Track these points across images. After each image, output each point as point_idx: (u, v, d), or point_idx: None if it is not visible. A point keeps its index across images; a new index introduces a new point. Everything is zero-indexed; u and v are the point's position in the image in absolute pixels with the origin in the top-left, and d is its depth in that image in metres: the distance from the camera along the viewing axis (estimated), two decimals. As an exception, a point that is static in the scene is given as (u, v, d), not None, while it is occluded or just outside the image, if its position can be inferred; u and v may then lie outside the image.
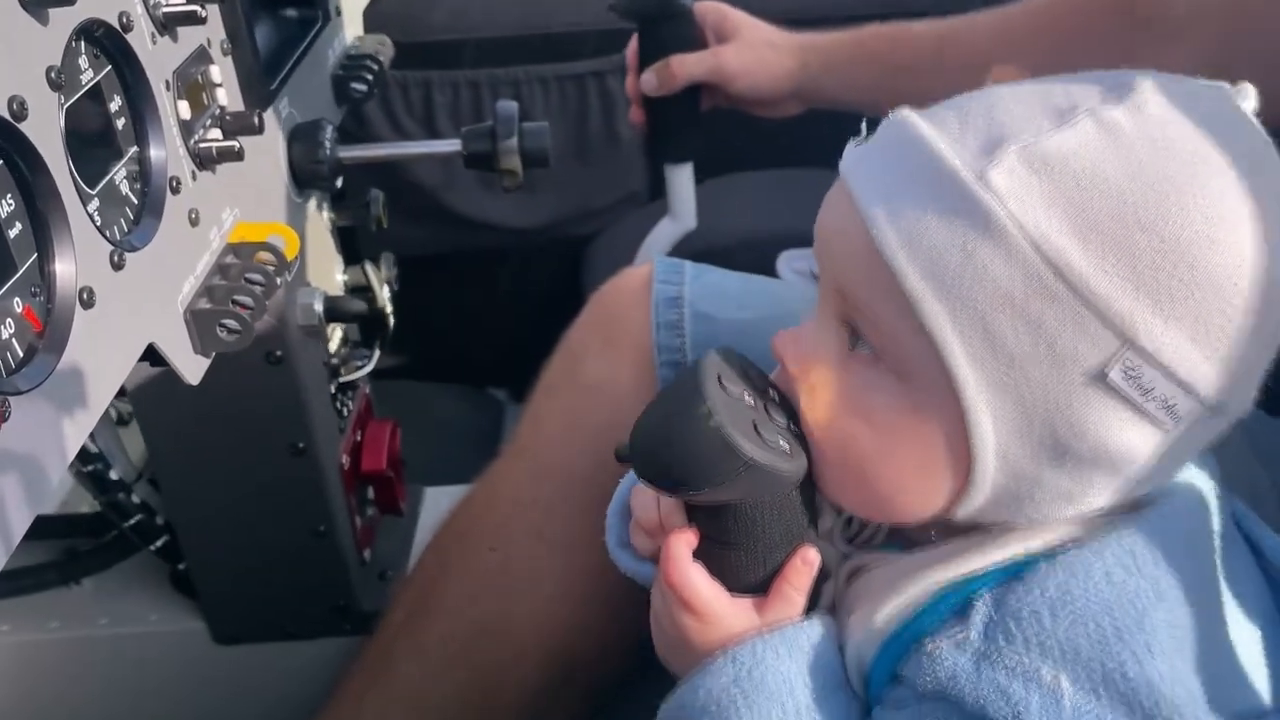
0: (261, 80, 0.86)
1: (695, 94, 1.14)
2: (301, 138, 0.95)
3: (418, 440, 1.29)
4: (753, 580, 0.61)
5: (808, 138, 1.21)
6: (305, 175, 0.95)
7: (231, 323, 0.74)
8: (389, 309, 1.06)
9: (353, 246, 1.12)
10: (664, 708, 0.62)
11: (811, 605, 0.62)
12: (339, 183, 0.98)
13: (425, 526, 1.26)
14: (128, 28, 0.67)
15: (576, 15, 1.59)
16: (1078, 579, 0.53)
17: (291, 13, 1.01)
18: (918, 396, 0.53)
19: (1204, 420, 0.52)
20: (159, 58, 0.72)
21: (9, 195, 0.57)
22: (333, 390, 1.08)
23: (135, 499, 1.13)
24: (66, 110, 0.61)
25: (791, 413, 0.59)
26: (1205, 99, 0.52)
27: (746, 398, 0.58)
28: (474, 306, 1.79)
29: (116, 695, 1.20)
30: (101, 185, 0.65)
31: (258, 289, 0.77)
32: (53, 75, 0.59)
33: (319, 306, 0.98)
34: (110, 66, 0.68)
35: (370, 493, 1.16)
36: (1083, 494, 0.53)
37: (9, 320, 0.56)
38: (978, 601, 0.55)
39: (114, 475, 1.11)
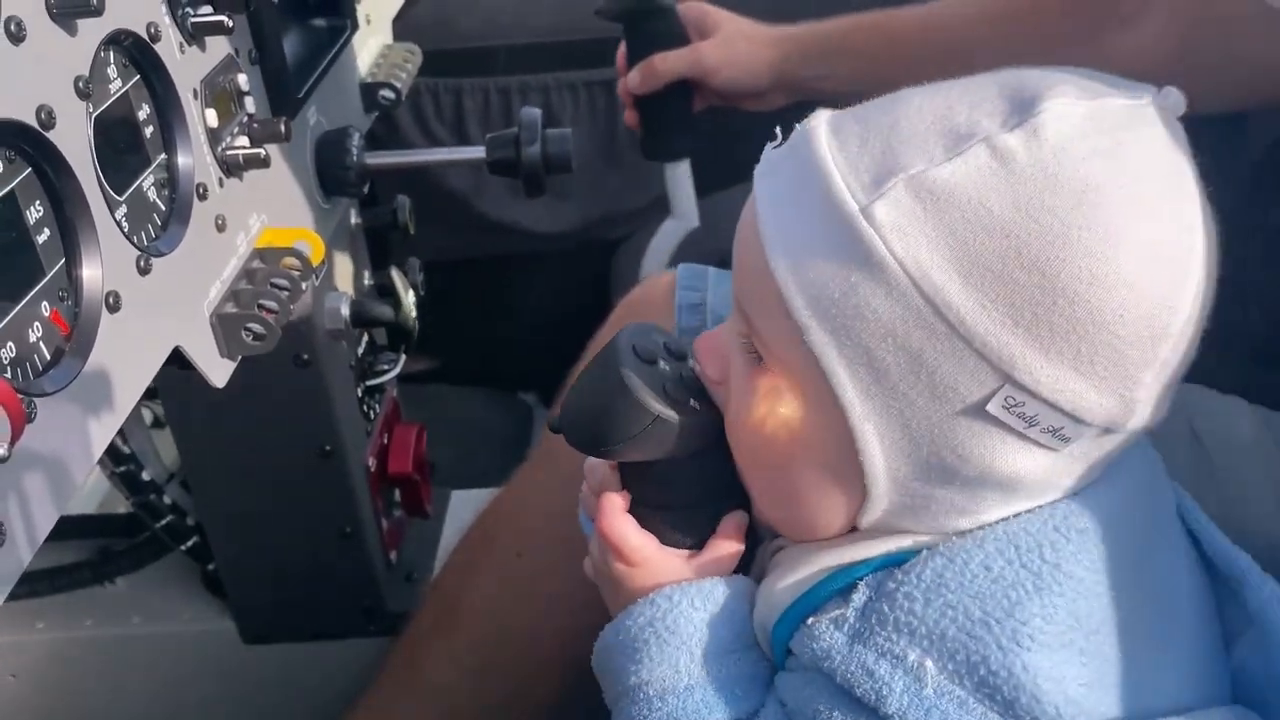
0: (289, 88, 0.88)
1: (685, 92, 1.16)
2: (329, 145, 0.96)
3: (445, 443, 1.30)
4: (683, 540, 0.64)
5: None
6: (332, 182, 0.97)
7: (257, 327, 0.75)
8: (414, 314, 1.07)
9: (381, 251, 1.13)
10: (596, 645, 0.65)
11: (744, 571, 0.65)
12: (366, 189, 0.99)
13: (452, 529, 1.27)
14: (155, 38, 0.69)
15: (605, 22, 1.60)
16: (954, 567, 0.53)
17: (320, 21, 1.03)
18: (812, 416, 0.54)
19: (1100, 440, 0.52)
20: (187, 67, 0.73)
21: (37, 202, 0.58)
22: (360, 393, 1.09)
23: (167, 500, 1.15)
24: (95, 119, 0.62)
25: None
26: (1114, 116, 0.49)
27: (661, 363, 0.62)
28: (503, 311, 1.80)
29: (147, 693, 1.22)
30: (129, 192, 0.67)
31: (283, 294, 0.78)
32: (81, 84, 0.61)
33: (346, 311, 0.99)
34: (139, 75, 0.69)
35: (397, 495, 1.18)
36: (977, 509, 0.54)
37: (37, 324, 0.57)
38: (860, 583, 0.56)
39: (146, 476, 1.13)
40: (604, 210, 1.70)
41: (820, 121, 0.54)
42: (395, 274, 1.06)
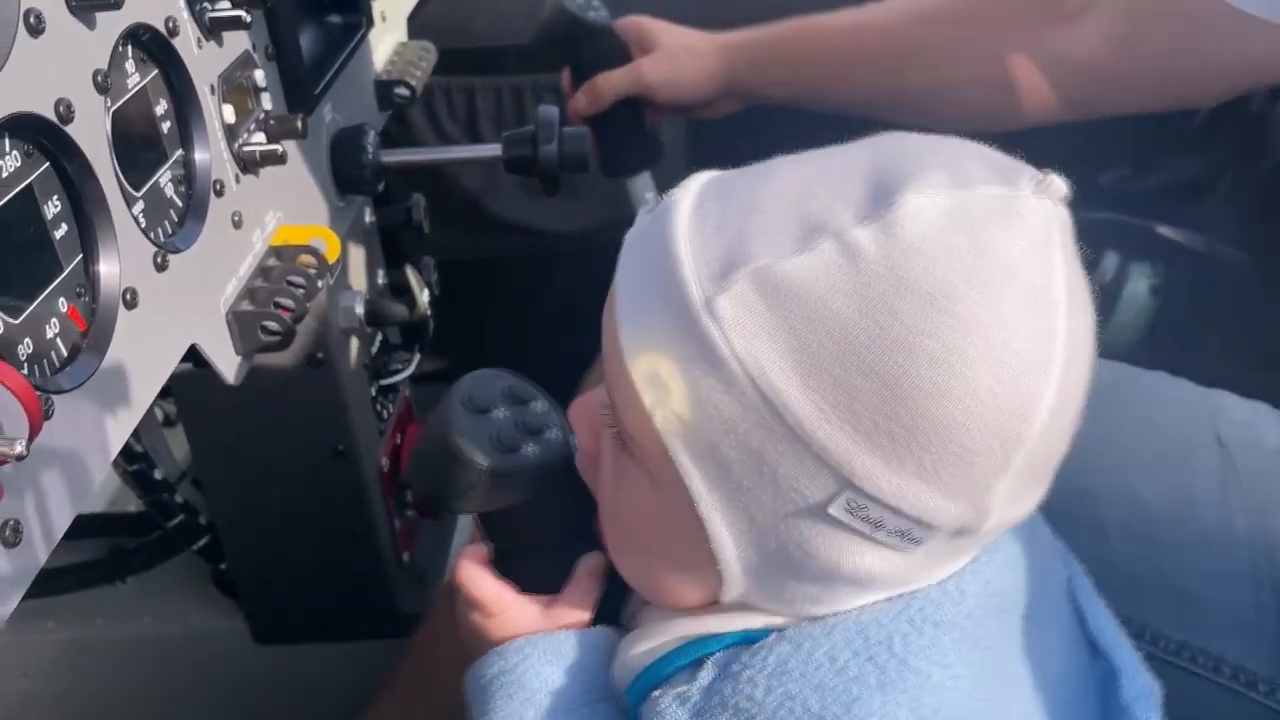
0: (305, 85, 0.87)
1: (634, 109, 1.15)
2: (344, 142, 0.95)
3: (457, 444, 1.29)
4: (544, 585, 0.64)
5: (842, 139, 1.21)
6: (347, 179, 0.96)
7: (272, 324, 0.75)
8: (429, 312, 1.07)
9: (395, 250, 1.12)
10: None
11: (616, 610, 0.64)
12: (381, 186, 0.98)
13: (464, 530, 1.26)
14: (174, 32, 0.68)
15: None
16: (799, 655, 0.52)
17: (335, 19, 1.02)
18: (667, 499, 0.52)
19: (957, 540, 0.50)
20: (204, 62, 0.73)
21: (55, 197, 0.58)
22: (373, 393, 1.09)
23: (179, 499, 1.14)
24: (113, 113, 0.62)
25: (558, 416, 0.64)
26: (981, 209, 0.46)
27: (497, 411, 0.62)
28: (515, 311, 1.80)
29: (158, 693, 1.21)
30: (147, 188, 0.66)
31: (299, 291, 0.77)
32: (99, 78, 0.60)
33: (360, 309, 0.99)
34: (156, 70, 0.68)
35: (409, 495, 1.17)
36: (832, 599, 0.53)
37: (54, 320, 0.57)
38: (709, 660, 0.55)
39: (158, 475, 1.12)
40: (617, 211, 1.68)
41: (686, 195, 0.52)
42: (410, 272, 1.06)
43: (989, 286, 0.45)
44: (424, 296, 1.05)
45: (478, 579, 0.64)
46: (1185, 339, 1.26)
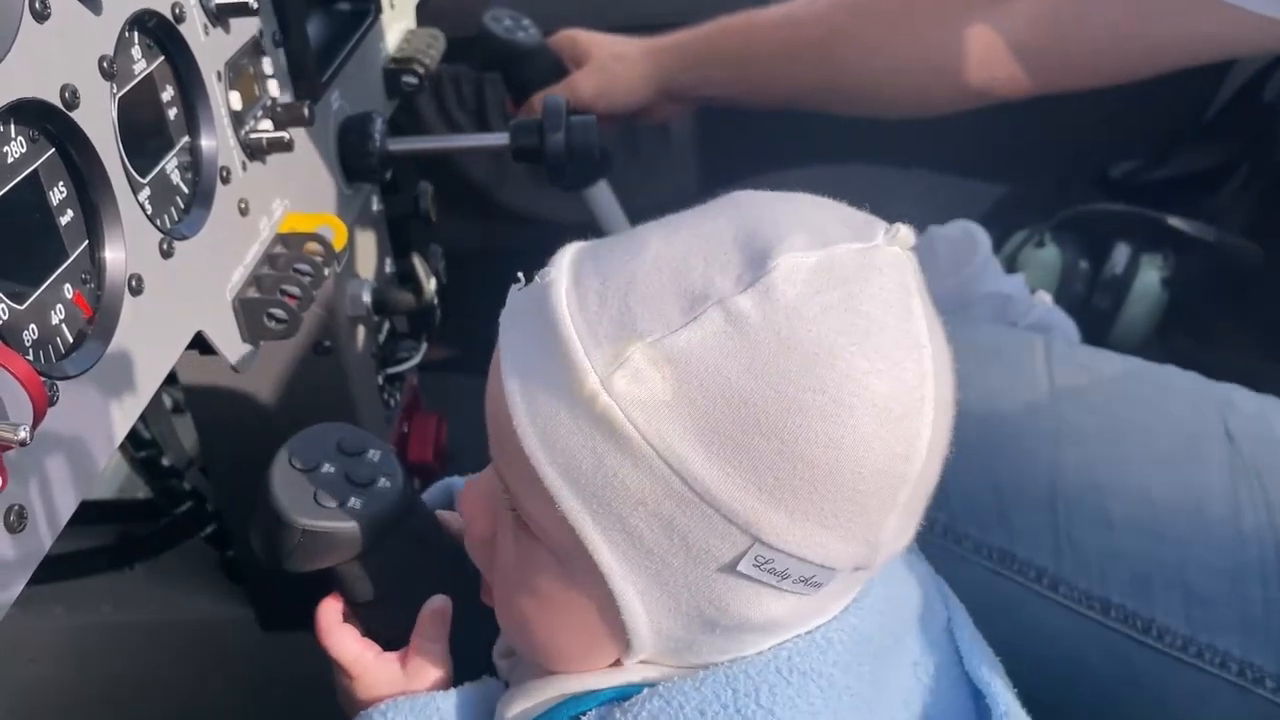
0: (312, 72, 0.87)
1: None
2: (351, 129, 0.95)
3: (464, 434, 1.29)
4: (395, 636, 0.65)
5: (852, 132, 1.21)
6: (355, 167, 0.96)
7: (279, 312, 0.75)
8: (437, 301, 1.06)
9: (402, 239, 1.12)
10: None
11: (484, 662, 0.65)
12: (388, 175, 0.98)
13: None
14: (180, 18, 0.68)
15: (628, 11, 1.59)
16: (670, 709, 0.53)
17: (344, 5, 1.02)
18: (574, 577, 0.53)
19: (852, 575, 0.53)
20: (211, 49, 0.72)
21: (61, 183, 0.58)
22: (380, 382, 1.09)
23: (187, 486, 1.14)
24: (119, 100, 0.62)
25: (390, 466, 0.64)
26: (844, 265, 0.48)
27: (324, 468, 0.63)
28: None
29: (165, 679, 1.21)
30: (153, 174, 0.66)
31: (305, 279, 0.77)
32: (105, 65, 0.60)
33: (368, 297, 0.98)
34: (163, 57, 0.68)
35: (416, 484, 1.17)
36: (739, 648, 0.54)
37: (59, 306, 0.57)
38: (583, 718, 0.55)
39: (166, 462, 1.12)
40: (624, 201, 1.69)
41: (562, 271, 0.52)
42: (418, 261, 1.06)
43: (864, 338, 0.47)
44: (432, 285, 1.05)
45: (340, 639, 0.64)
46: (1196, 331, 1.25)
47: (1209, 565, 0.77)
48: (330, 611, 0.65)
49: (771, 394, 0.46)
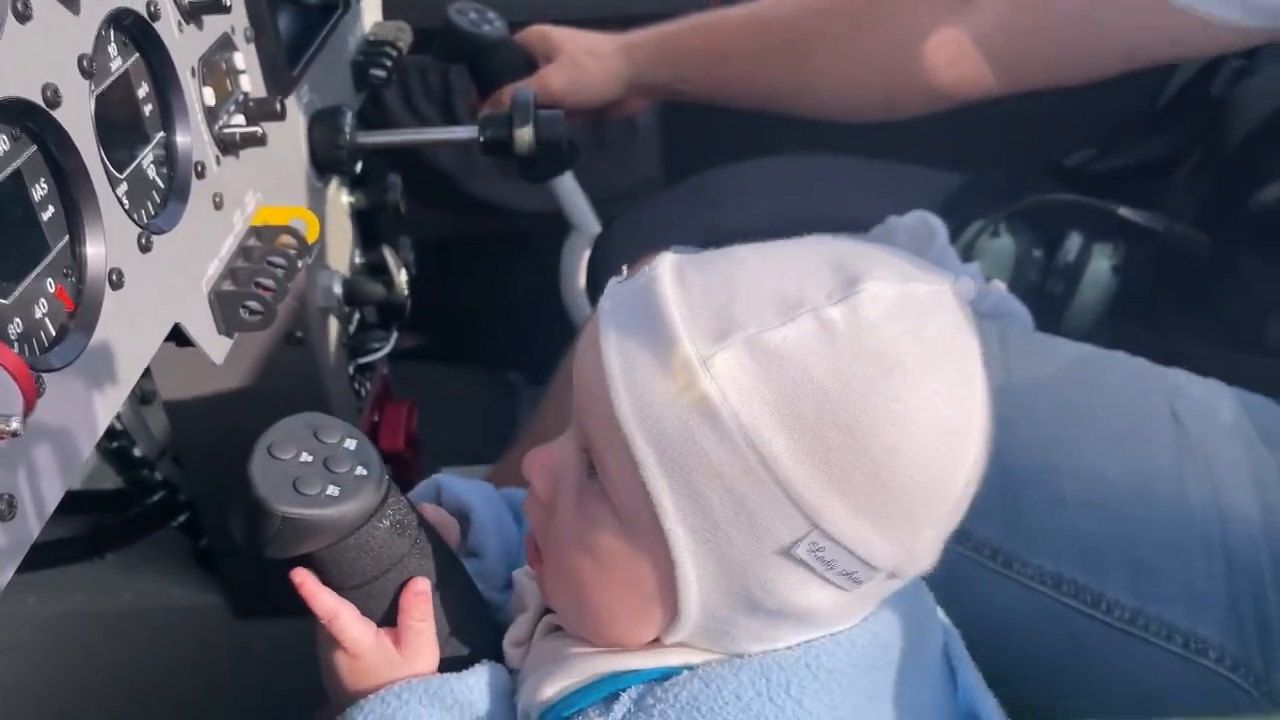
0: (284, 67, 0.88)
1: None
2: (322, 123, 0.96)
3: (434, 422, 1.31)
4: (382, 618, 0.66)
5: (814, 125, 1.23)
6: (326, 160, 0.97)
7: (254, 304, 0.76)
8: (406, 291, 1.08)
9: (371, 230, 1.13)
10: None
11: (493, 648, 0.67)
12: (358, 168, 1.00)
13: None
14: (155, 16, 0.69)
15: (593, 5, 1.60)
16: (709, 691, 0.57)
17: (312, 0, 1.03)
18: (636, 540, 0.56)
19: (885, 582, 0.57)
20: (185, 45, 0.74)
21: (42, 179, 0.59)
22: (351, 371, 1.10)
23: (158, 476, 1.15)
24: (96, 97, 0.63)
25: (366, 454, 0.65)
26: (921, 300, 0.54)
27: (302, 456, 0.64)
28: (490, 290, 1.81)
29: (138, 666, 1.22)
30: (130, 170, 0.67)
31: (280, 271, 0.79)
32: (84, 63, 0.61)
33: (338, 289, 1.00)
34: (138, 54, 0.69)
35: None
36: (773, 637, 0.58)
37: (42, 300, 0.58)
38: (624, 694, 0.59)
39: (138, 452, 1.13)
40: (591, 192, 1.71)
41: (666, 267, 0.57)
42: (388, 252, 1.07)
43: (933, 361, 0.54)
44: (402, 275, 1.07)
45: (345, 620, 0.65)
46: (1145, 317, 1.29)
47: (1157, 541, 0.80)
48: (329, 594, 0.66)
49: (850, 394, 0.52)
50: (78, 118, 0.60)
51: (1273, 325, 1.01)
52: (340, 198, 1.06)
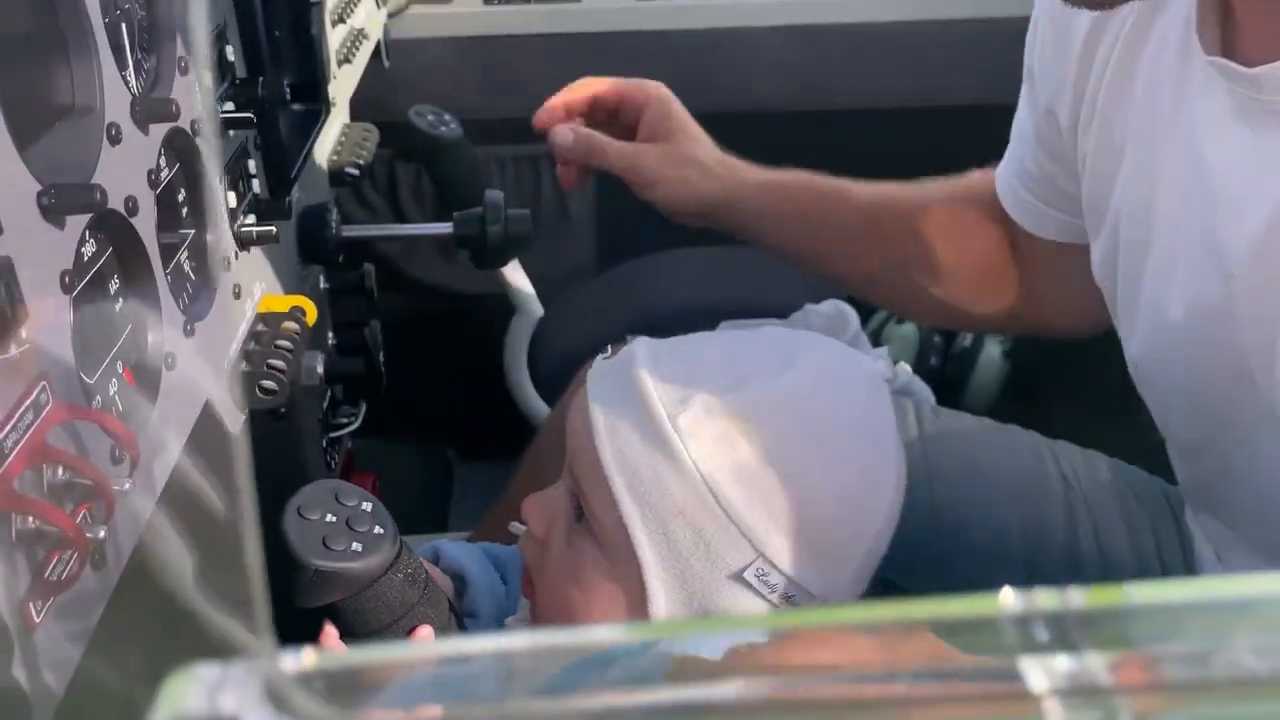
0: (285, 170, 0.98)
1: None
2: (310, 218, 1.06)
3: (393, 492, 1.39)
4: None
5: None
6: (311, 251, 1.07)
7: (269, 384, 0.86)
8: (383, 370, 1.17)
9: (343, 313, 1.23)
10: None
11: None
12: (340, 258, 1.10)
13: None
14: (197, 133, 0.79)
15: (535, 102, 1.73)
16: None
17: (298, 106, 1.13)
18: (615, 570, 0.69)
19: (808, 601, 0.70)
20: (216, 155, 0.83)
21: (116, 275, 0.68)
22: (324, 444, 1.19)
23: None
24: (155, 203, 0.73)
25: (381, 515, 0.75)
26: (847, 375, 0.69)
27: (327, 518, 0.75)
28: (430, 367, 1.89)
29: None
30: (172, 264, 0.77)
31: (287, 354, 0.88)
32: (151, 176, 0.71)
33: (320, 368, 1.09)
34: (179, 164, 0.79)
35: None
36: None
37: (114, 379, 0.67)
38: None
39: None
40: (530, 276, 1.82)
41: (642, 347, 0.71)
42: (367, 333, 1.17)
43: (856, 423, 0.68)
44: (380, 355, 1.16)
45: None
46: (1032, 397, 1.45)
47: (1055, 583, 0.93)
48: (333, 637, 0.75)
49: (787, 448, 0.65)
50: (147, 223, 0.70)
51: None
52: (319, 284, 1.16)
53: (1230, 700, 0.19)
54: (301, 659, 0.21)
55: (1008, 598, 0.21)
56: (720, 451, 0.65)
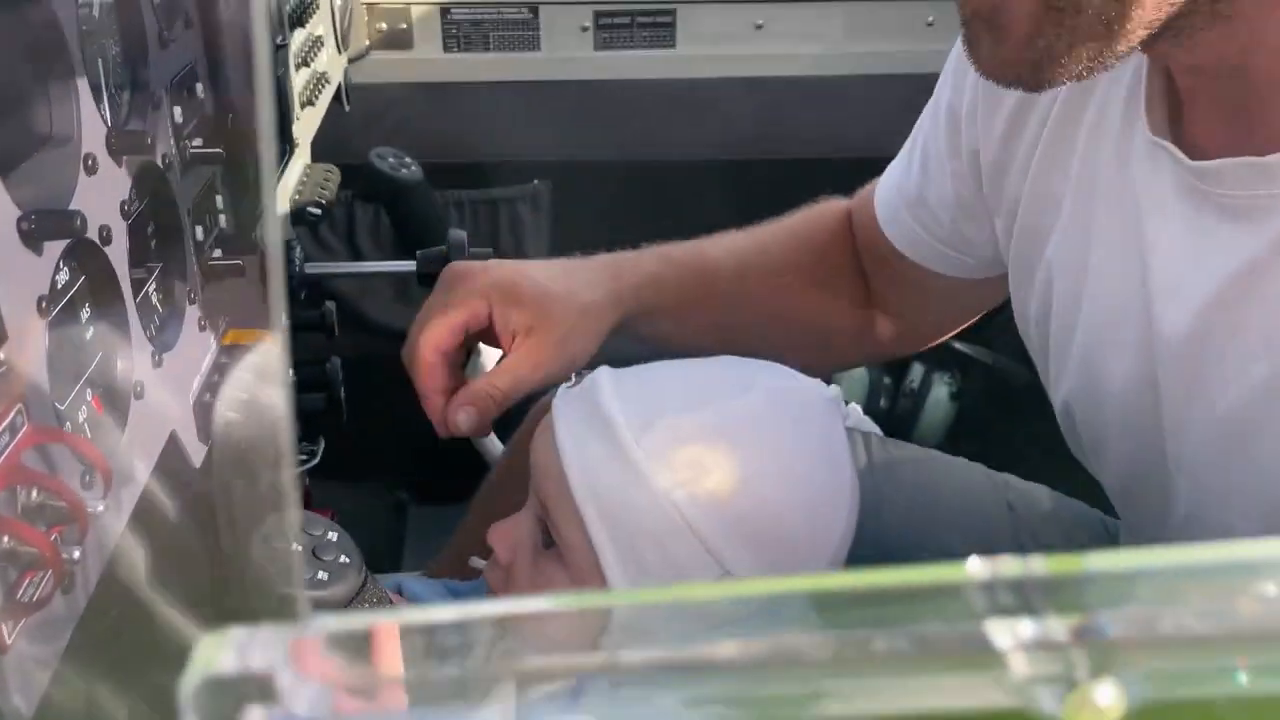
0: (250, 206, 0.99)
1: None
2: (273, 255, 1.07)
3: (348, 529, 1.39)
4: None
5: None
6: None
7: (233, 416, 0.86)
8: (344, 406, 1.18)
9: (302, 349, 1.23)
10: None
11: None
12: (303, 295, 1.11)
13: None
14: (168, 167, 0.81)
15: (493, 147, 1.76)
16: None
17: (262, 145, 1.15)
18: (582, 589, 0.71)
19: None
20: (185, 189, 0.85)
21: (88, 304, 0.69)
22: (282, 481, 1.19)
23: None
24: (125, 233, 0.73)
25: (347, 545, 0.78)
26: (803, 398, 0.71)
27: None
28: (381, 410, 1.90)
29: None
30: (140, 296, 0.77)
31: (252, 386, 0.89)
32: (124, 207, 0.72)
33: (281, 404, 1.09)
34: (149, 197, 0.80)
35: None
36: None
37: (84, 407, 0.67)
38: None
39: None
40: (485, 318, 1.83)
41: (605, 375, 0.73)
42: (328, 368, 1.17)
43: (818, 450, 0.70)
44: (342, 392, 1.17)
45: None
46: (978, 436, 1.49)
47: None
48: None
49: (748, 469, 0.67)
50: (119, 253, 0.71)
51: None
52: (281, 320, 1.16)
53: (1174, 656, 0.21)
54: (325, 624, 0.22)
55: (974, 566, 0.23)
56: (684, 472, 0.67)
